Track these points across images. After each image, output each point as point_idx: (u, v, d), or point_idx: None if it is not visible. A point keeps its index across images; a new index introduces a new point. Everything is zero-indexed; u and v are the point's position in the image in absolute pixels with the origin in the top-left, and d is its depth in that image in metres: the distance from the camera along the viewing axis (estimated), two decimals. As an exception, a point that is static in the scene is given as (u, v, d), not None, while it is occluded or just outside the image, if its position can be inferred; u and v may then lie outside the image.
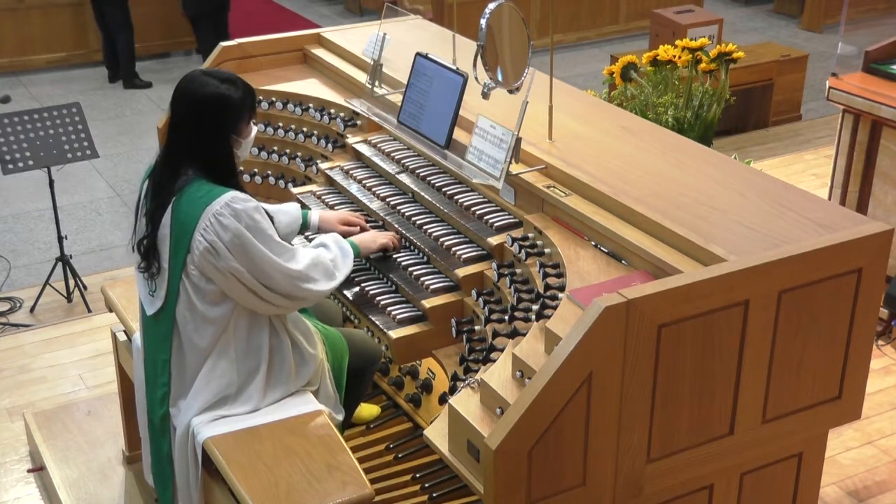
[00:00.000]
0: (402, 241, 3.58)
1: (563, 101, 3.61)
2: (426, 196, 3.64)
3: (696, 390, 2.73)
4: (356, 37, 4.57)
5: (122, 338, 3.85)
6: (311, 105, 4.32)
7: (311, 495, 2.87)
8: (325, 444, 3.05)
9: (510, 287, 3.13)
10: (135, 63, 10.18)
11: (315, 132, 4.27)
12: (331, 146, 4.17)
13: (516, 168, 3.35)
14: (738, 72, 7.57)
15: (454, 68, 3.61)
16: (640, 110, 5.60)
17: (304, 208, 3.72)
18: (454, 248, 3.39)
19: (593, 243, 3.11)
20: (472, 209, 3.46)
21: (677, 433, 2.75)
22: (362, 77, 4.20)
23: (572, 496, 2.66)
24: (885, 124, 5.00)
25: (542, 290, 3.00)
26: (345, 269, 3.31)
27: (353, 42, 4.50)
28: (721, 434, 2.83)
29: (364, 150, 4.01)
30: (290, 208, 3.63)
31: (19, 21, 10.44)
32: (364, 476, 2.95)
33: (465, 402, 2.76)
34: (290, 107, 4.33)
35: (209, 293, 3.06)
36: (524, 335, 2.86)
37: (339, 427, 3.34)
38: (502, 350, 2.93)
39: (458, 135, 3.60)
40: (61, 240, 6.21)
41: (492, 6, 3.38)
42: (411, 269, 3.44)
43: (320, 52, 4.60)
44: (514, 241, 3.24)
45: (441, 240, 3.45)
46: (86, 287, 6.19)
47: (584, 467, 2.64)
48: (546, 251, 3.16)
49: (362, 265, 3.58)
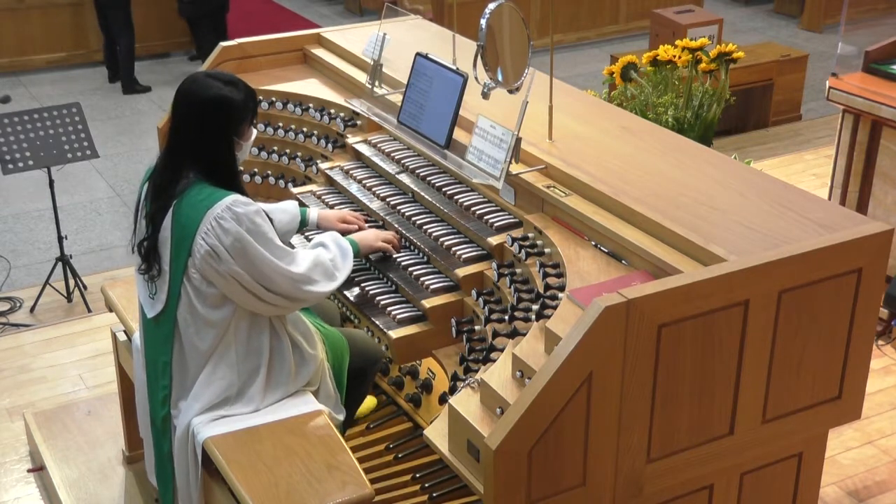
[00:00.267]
0: (402, 241, 3.58)
1: (563, 101, 3.61)
2: (426, 196, 3.64)
3: (696, 390, 2.73)
4: (356, 37, 4.57)
5: (122, 338, 3.85)
6: (311, 105, 4.32)
7: (311, 495, 2.87)
8: (325, 444, 3.05)
9: (510, 287, 3.13)
10: (134, 68, 10.17)
11: (315, 132, 4.27)
12: (331, 146, 4.17)
13: (516, 168, 3.35)
14: (738, 72, 7.57)
15: (454, 68, 3.61)
16: (640, 110, 5.60)
17: (302, 206, 3.72)
18: (454, 248, 3.39)
19: (593, 243, 3.11)
20: (472, 209, 3.46)
21: (677, 433, 2.75)
22: (362, 77, 4.20)
23: (572, 496, 2.66)
24: (885, 124, 5.00)
25: (542, 290, 3.00)
26: (345, 268, 3.31)
27: (353, 42, 4.50)
28: (721, 434, 2.83)
29: (364, 150, 4.01)
30: (289, 206, 3.63)
31: (19, 21, 10.44)
32: (364, 476, 2.95)
33: (465, 402, 2.76)
34: (290, 107, 4.33)
35: (210, 296, 3.06)
36: (524, 335, 2.86)
37: (340, 427, 3.34)
38: (502, 350, 2.93)
39: (458, 135, 3.60)
40: (61, 240, 6.21)
41: (492, 6, 3.38)
42: (411, 269, 3.44)
43: (320, 52, 4.60)
44: (514, 241, 3.24)
45: (441, 240, 3.45)
46: (86, 287, 6.19)
47: (584, 467, 2.64)
48: (546, 251, 3.16)
49: (362, 265, 3.58)
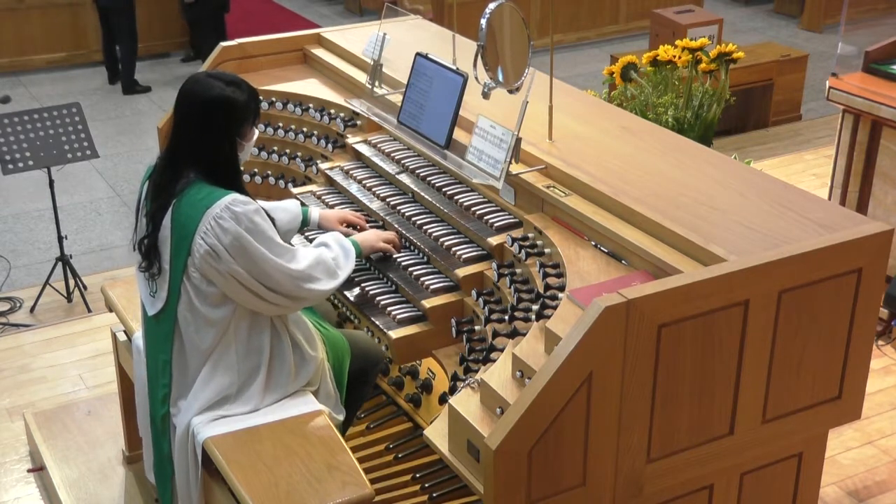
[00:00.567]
0: (402, 241, 3.58)
1: (563, 101, 3.61)
2: (426, 196, 3.64)
3: (696, 390, 2.73)
4: (356, 37, 4.57)
5: (122, 338, 3.85)
6: (311, 105, 4.32)
7: (311, 495, 2.87)
8: (325, 444, 3.05)
9: (510, 287, 3.13)
10: (134, 71, 10.15)
11: (315, 132, 4.26)
12: (331, 146, 4.17)
13: (516, 168, 3.35)
14: (738, 72, 7.57)
15: (454, 68, 3.61)
16: (640, 110, 5.60)
17: (303, 206, 3.72)
18: (454, 248, 3.39)
19: (593, 243, 3.11)
20: (472, 209, 3.46)
21: (677, 433, 2.75)
22: (362, 77, 4.20)
23: (572, 496, 2.66)
24: (885, 124, 5.00)
25: (542, 290, 3.00)
26: (347, 267, 3.31)
27: (353, 42, 4.50)
28: (721, 434, 2.83)
29: (364, 150, 4.01)
30: (290, 205, 3.62)
31: (19, 21, 10.45)
32: (364, 476, 2.95)
33: (465, 402, 2.76)
34: (290, 107, 4.33)
35: (210, 295, 3.06)
36: (524, 335, 2.86)
37: (340, 427, 3.34)
38: (502, 350, 2.93)
39: (458, 135, 3.60)
40: (61, 240, 6.21)
41: (492, 6, 3.38)
42: (411, 269, 3.44)
43: (320, 52, 4.60)
44: (514, 241, 3.24)
45: (441, 240, 3.45)
46: (86, 287, 6.19)
47: (584, 467, 2.64)
48: (546, 251, 3.16)
49: (362, 265, 3.58)
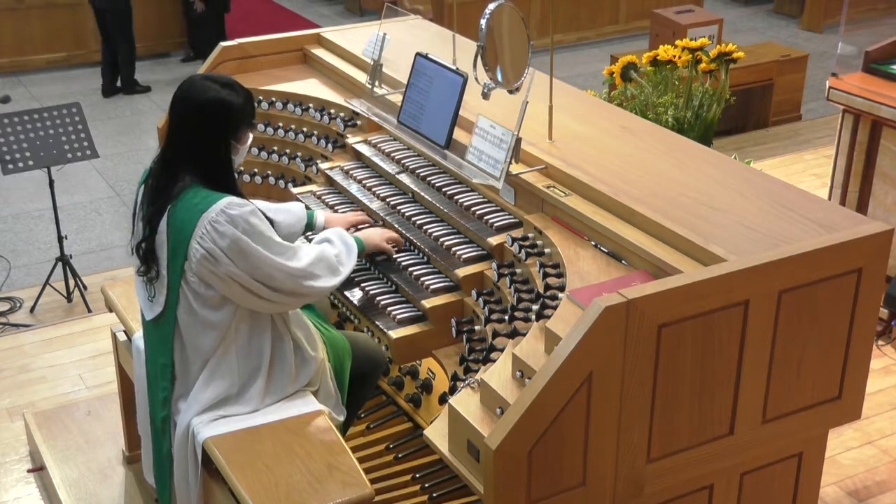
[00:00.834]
0: (403, 241, 3.58)
1: (563, 101, 3.61)
2: (426, 196, 3.64)
3: (696, 390, 2.73)
4: (356, 37, 4.57)
5: (122, 338, 3.85)
6: (311, 105, 4.32)
7: (312, 495, 2.87)
8: (326, 445, 3.05)
9: (510, 287, 3.13)
10: (134, 71, 10.11)
11: (315, 132, 4.26)
12: (331, 146, 4.17)
13: (516, 168, 3.35)
14: (738, 72, 7.57)
15: (454, 68, 3.61)
16: (640, 110, 5.59)
17: (309, 209, 3.70)
18: (454, 248, 3.39)
19: (593, 243, 3.11)
20: (472, 209, 3.46)
21: (677, 433, 2.75)
22: (362, 77, 4.20)
23: (572, 496, 2.66)
24: (885, 124, 5.00)
25: (542, 290, 3.00)
26: (349, 264, 3.30)
27: (353, 42, 4.50)
28: (721, 434, 2.83)
29: (364, 150, 4.01)
30: (294, 207, 3.61)
31: (19, 21, 10.45)
32: (364, 476, 2.95)
33: (465, 402, 2.76)
34: (290, 107, 4.33)
35: (209, 298, 3.06)
36: (524, 335, 2.86)
37: (341, 428, 3.34)
38: (502, 350, 2.93)
39: (458, 135, 3.60)
40: (61, 240, 6.21)
41: (492, 6, 3.38)
42: (411, 269, 3.44)
43: (320, 52, 4.60)
44: (514, 241, 3.24)
45: (441, 240, 3.45)
46: (86, 287, 6.19)
47: (584, 467, 2.64)
48: (546, 251, 3.16)
49: (363, 265, 3.58)
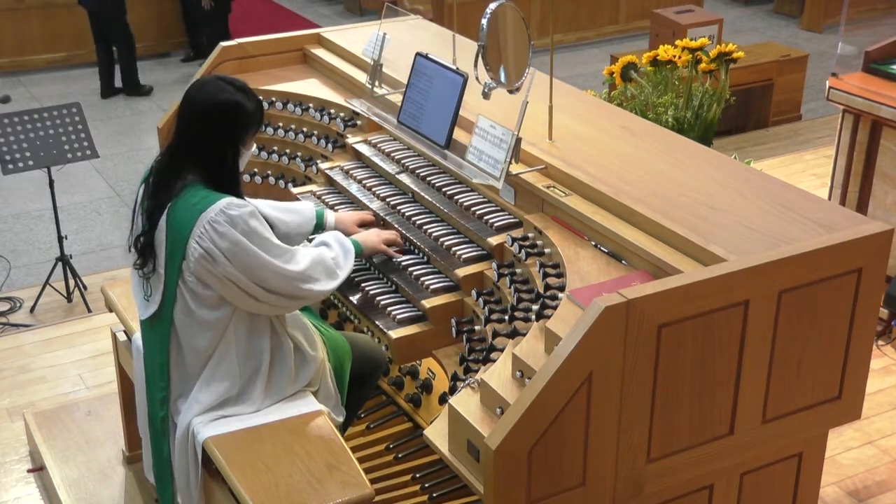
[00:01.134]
0: (403, 241, 3.58)
1: (563, 101, 3.61)
2: (426, 196, 3.64)
3: (696, 390, 2.73)
4: (356, 37, 4.57)
5: (122, 338, 3.85)
6: (311, 105, 4.32)
7: (311, 495, 2.87)
8: (326, 445, 3.05)
9: (510, 287, 3.13)
10: (136, 72, 10.06)
11: (315, 132, 4.26)
12: (331, 146, 4.17)
13: (516, 168, 3.35)
14: (738, 72, 7.57)
15: (454, 68, 3.61)
16: (640, 110, 5.59)
17: (318, 208, 3.68)
18: (454, 248, 3.39)
19: (593, 243, 3.11)
20: (472, 209, 3.46)
21: (677, 433, 2.75)
22: (362, 77, 4.20)
23: (572, 496, 2.66)
24: (885, 124, 5.00)
25: (542, 290, 3.00)
26: (347, 267, 3.30)
27: (353, 42, 4.50)
28: (721, 434, 2.83)
29: (364, 150, 4.01)
30: (303, 208, 3.59)
31: (19, 21, 10.45)
32: (364, 476, 2.95)
33: (465, 402, 2.76)
34: (290, 107, 4.33)
35: (207, 298, 3.05)
36: (524, 335, 2.86)
37: (341, 428, 3.34)
38: (502, 350, 2.93)
39: (458, 135, 3.60)
40: (61, 240, 6.21)
41: (492, 6, 3.38)
42: (411, 269, 3.44)
43: (320, 52, 4.60)
44: (514, 241, 3.24)
45: (441, 240, 3.45)
46: (86, 287, 6.19)
47: (584, 467, 2.64)
48: (546, 251, 3.16)
49: (363, 265, 3.58)
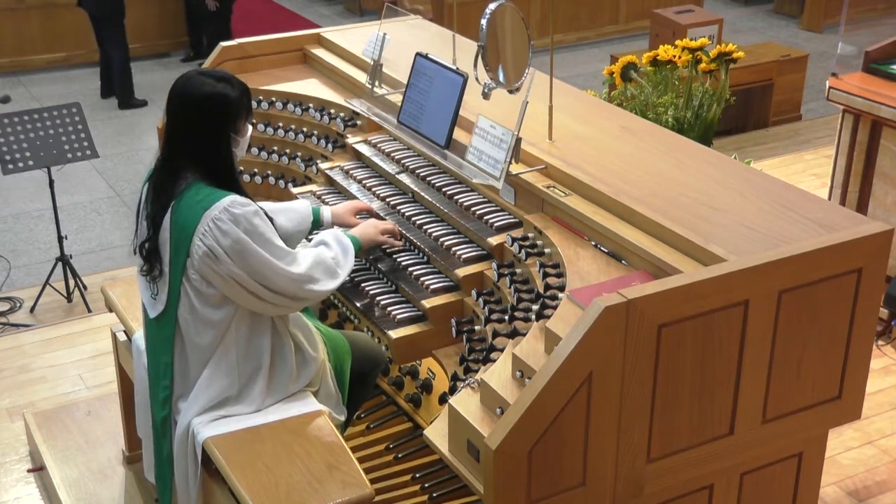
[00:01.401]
0: (403, 241, 3.58)
1: (563, 101, 3.61)
2: (426, 196, 3.64)
3: (696, 390, 2.73)
4: (356, 37, 4.57)
5: (122, 338, 3.85)
6: (311, 105, 4.32)
7: (312, 495, 2.87)
8: (326, 445, 3.05)
9: (510, 287, 3.13)
10: (132, 83, 9.93)
11: (315, 132, 4.26)
12: (331, 146, 4.17)
13: (516, 168, 3.35)
14: (738, 72, 7.57)
15: (454, 68, 3.61)
16: (640, 110, 5.59)
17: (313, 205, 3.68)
18: (454, 248, 3.39)
19: (593, 243, 3.11)
20: (472, 209, 3.46)
21: (677, 433, 2.75)
22: (362, 77, 4.20)
23: (572, 496, 2.66)
24: (885, 124, 5.00)
25: (542, 290, 3.00)
26: (347, 266, 3.30)
27: (353, 42, 4.50)
28: (721, 434, 2.83)
29: (364, 150, 4.01)
30: (300, 206, 3.60)
31: (19, 21, 10.45)
32: (364, 476, 2.95)
33: (465, 402, 2.76)
34: (290, 107, 4.33)
35: (210, 296, 3.06)
36: (524, 335, 2.86)
37: (341, 428, 3.34)
38: (502, 350, 2.93)
39: (458, 135, 3.60)
40: (61, 240, 6.21)
41: (492, 6, 3.38)
42: (411, 269, 3.44)
43: (320, 52, 4.60)
44: (514, 241, 3.24)
45: (441, 240, 3.45)
46: (86, 287, 6.19)
47: (584, 467, 2.64)
48: (546, 251, 3.16)
49: (363, 265, 3.58)
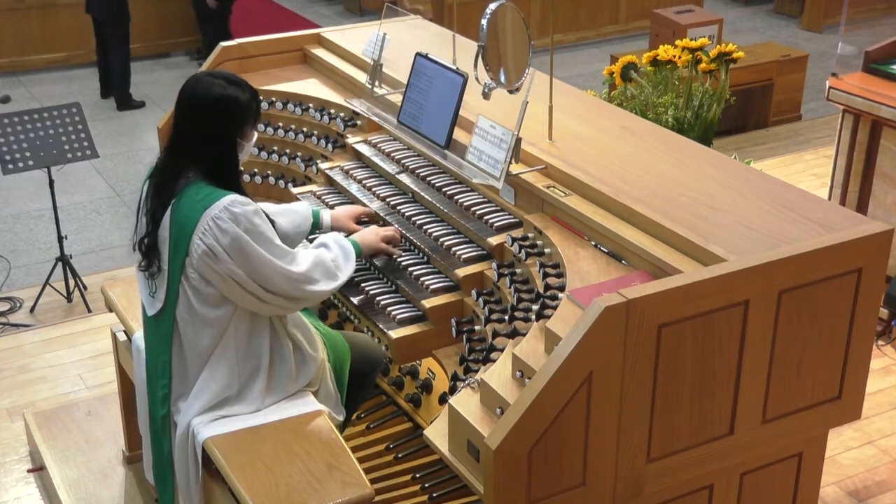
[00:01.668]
0: (403, 241, 3.58)
1: (563, 101, 3.61)
2: (426, 196, 3.64)
3: (696, 390, 2.73)
4: (356, 37, 4.57)
5: (122, 338, 3.85)
6: (311, 105, 4.32)
7: (312, 495, 2.87)
8: (326, 444, 3.05)
9: (510, 287, 3.13)
10: (129, 86, 9.94)
11: (315, 132, 4.26)
12: (331, 146, 4.17)
13: (516, 168, 3.35)
14: (738, 72, 7.57)
15: (454, 68, 3.61)
16: (640, 110, 5.59)
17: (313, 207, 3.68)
18: (454, 248, 3.39)
19: (593, 243, 3.11)
20: (472, 209, 3.46)
21: (677, 433, 2.75)
22: (362, 77, 4.20)
23: (572, 496, 2.66)
24: (885, 124, 5.00)
25: (542, 290, 3.00)
26: (347, 269, 3.30)
27: (353, 42, 4.50)
28: (721, 434, 2.83)
29: (364, 150, 4.01)
30: (300, 208, 3.60)
31: (19, 21, 10.45)
32: (364, 476, 2.95)
33: (465, 402, 2.76)
34: (290, 107, 4.33)
35: (209, 296, 3.06)
36: (524, 335, 2.86)
37: (340, 427, 3.34)
38: (502, 350, 2.93)
39: (458, 135, 3.60)
40: (61, 240, 6.22)
41: (492, 6, 3.38)
42: (411, 269, 3.44)
43: (320, 52, 4.60)
44: (514, 241, 3.24)
45: (441, 240, 3.45)
46: (86, 287, 6.19)
47: (584, 467, 2.64)
48: (546, 251, 3.16)
49: (363, 265, 3.58)
